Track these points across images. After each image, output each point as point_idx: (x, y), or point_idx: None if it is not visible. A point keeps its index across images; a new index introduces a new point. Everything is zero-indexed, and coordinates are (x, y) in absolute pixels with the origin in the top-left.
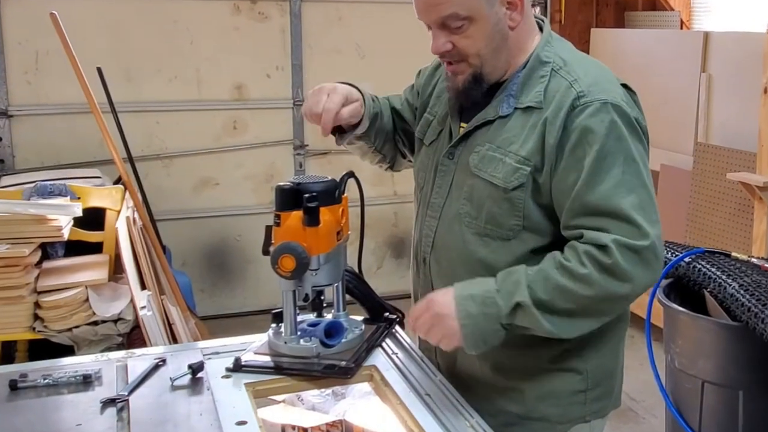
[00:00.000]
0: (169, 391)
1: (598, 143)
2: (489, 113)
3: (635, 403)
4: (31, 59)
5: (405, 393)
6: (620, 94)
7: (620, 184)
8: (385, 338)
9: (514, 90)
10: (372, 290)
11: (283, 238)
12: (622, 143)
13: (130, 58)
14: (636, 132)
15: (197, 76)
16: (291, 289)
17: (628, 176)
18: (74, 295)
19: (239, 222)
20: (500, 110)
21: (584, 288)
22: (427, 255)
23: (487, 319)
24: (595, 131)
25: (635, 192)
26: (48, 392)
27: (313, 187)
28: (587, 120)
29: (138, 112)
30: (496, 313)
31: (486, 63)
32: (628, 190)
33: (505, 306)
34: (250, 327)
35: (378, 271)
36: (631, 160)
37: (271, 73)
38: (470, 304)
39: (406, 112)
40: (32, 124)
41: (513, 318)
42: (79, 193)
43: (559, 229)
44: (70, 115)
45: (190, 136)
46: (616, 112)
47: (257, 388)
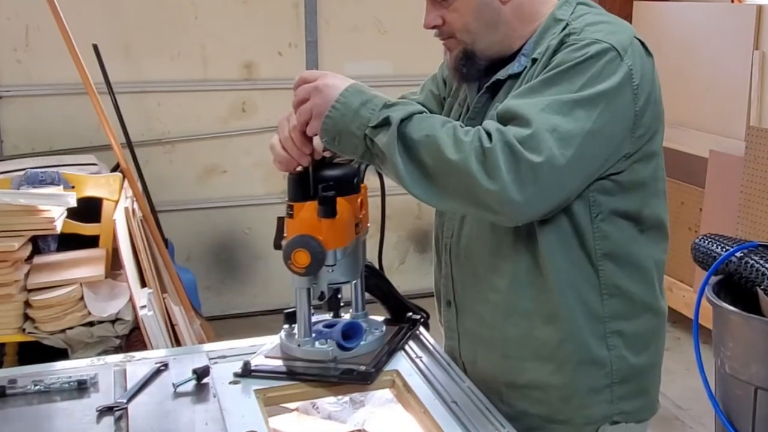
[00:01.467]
0: (172, 399)
1: (560, 66)
2: (500, 74)
3: (682, 412)
4: (20, 35)
5: (430, 400)
6: (622, 41)
7: (552, 105)
8: (407, 340)
9: (527, 49)
10: (394, 288)
11: (296, 231)
12: (587, 76)
13: (129, 34)
14: (622, 82)
15: (202, 53)
16: (305, 287)
17: (570, 107)
18: (68, 294)
19: (248, 213)
20: (511, 69)
21: (452, 150)
22: (449, 241)
23: (355, 118)
24: (566, 60)
25: (564, 118)
26: (39, 400)
27: (329, 175)
28: (567, 54)
29: (138, 93)
30: (367, 118)
31: (478, 39)
32: (554, 112)
33: (377, 117)
34: (261, 328)
35: (400, 267)
36: (589, 99)
37: (283, 50)
38: (355, 97)
39: (431, 105)
40: (22, 107)
41: (375, 133)
42: (73, 182)
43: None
44: (63, 96)
45: (195, 119)
46: (603, 50)
47: (268, 395)
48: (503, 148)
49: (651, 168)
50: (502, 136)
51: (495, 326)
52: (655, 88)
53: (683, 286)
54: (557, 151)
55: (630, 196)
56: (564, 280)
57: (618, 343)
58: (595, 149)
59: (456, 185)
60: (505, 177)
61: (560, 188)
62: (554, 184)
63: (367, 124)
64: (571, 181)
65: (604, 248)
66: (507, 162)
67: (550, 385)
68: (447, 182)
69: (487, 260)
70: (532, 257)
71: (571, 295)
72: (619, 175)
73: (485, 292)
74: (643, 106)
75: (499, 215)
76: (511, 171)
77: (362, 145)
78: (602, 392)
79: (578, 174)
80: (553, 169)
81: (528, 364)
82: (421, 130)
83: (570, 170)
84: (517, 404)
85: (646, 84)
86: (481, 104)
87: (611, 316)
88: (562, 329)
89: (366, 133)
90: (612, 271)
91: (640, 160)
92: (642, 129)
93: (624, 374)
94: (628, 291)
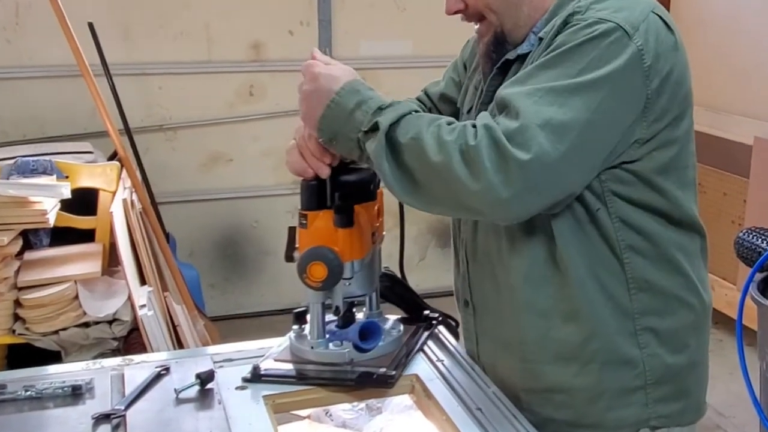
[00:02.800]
0: (173, 405)
1: (559, 48)
2: (510, 54)
3: (724, 419)
4: (10, 13)
5: (452, 407)
6: (632, 19)
7: (546, 93)
8: (426, 341)
9: (538, 27)
10: (413, 292)
11: (311, 243)
12: (587, 59)
13: (128, 12)
14: (629, 63)
15: (207, 32)
16: (319, 302)
17: (566, 96)
18: (61, 292)
19: (256, 205)
20: (520, 49)
21: (435, 152)
22: (466, 237)
23: (349, 121)
24: (566, 41)
25: (559, 109)
26: (30, 406)
27: (345, 181)
28: (568, 35)
29: (137, 76)
30: (360, 121)
31: (504, 19)
32: (547, 101)
33: (368, 122)
34: (269, 329)
35: (420, 264)
36: (589, 85)
37: (294, 29)
38: (350, 98)
39: (452, 92)
40: (12, 90)
41: (366, 138)
42: (67, 171)
43: (589, 186)
44: (56, 79)
45: (199, 103)
46: (607, 30)
47: (278, 402)
48: (489, 145)
49: (673, 155)
50: (488, 132)
51: (513, 327)
52: (676, 67)
53: (726, 283)
54: (549, 146)
55: (651, 186)
56: (584, 274)
57: (651, 341)
58: (596, 140)
59: (440, 188)
60: (491, 177)
61: (555, 184)
62: (547, 181)
63: (360, 128)
64: (569, 176)
65: (627, 240)
66: (493, 161)
67: (573, 387)
68: (432, 186)
69: (501, 256)
70: (548, 252)
71: (594, 289)
72: (634, 163)
73: (501, 290)
74: (658, 89)
75: (489, 216)
76: (499, 170)
77: (357, 149)
78: (635, 394)
79: (577, 168)
80: (545, 166)
81: (547, 367)
82: (407, 133)
83: (566, 165)
84: (540, 411)
85: (662, 64)
86: (493, 87)
87: (641, 311)
88: (585, 327)
89: (359, 138)
90: (639, 263)
91: (660, 147)
92: (657, 113)
93: (660, 375)
94: (659, 285)
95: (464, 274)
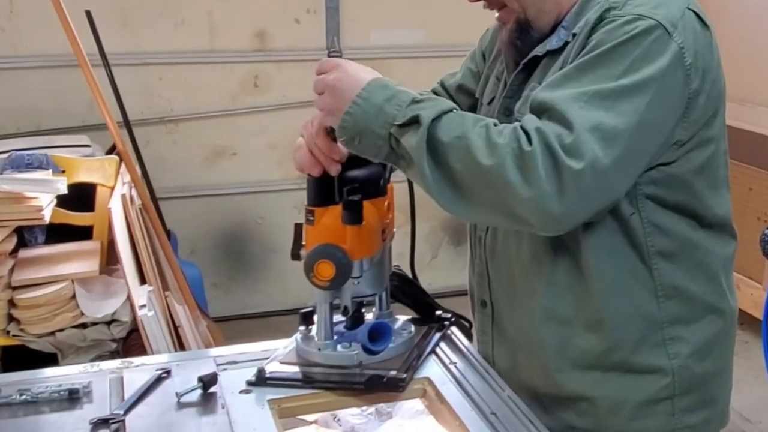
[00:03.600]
0: (175, 410)
1: (599, 48)
2: (538, 49)
3: (750, 425)
4: (4, 0)
5: (466, 411)
6: (671, 15)
7: (593, 97)
8: (439, 342)
9: (567, 21)
10: (424, 292)
11: (318, 240)
12: (630, 59)
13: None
14: (672, 63)
15: (209, 20)
16: (327, 302)
17: (613, 99)
18: (57, 292)
19: (261, 201)
20: (549, 44)
21: (485, 154)
22: (483, 234)
23: (378, 116)
24: (605, 40)
25: (607, 113)
26: (25, 411)
27: (354, 176)
28: (606, 34)
29: (136, 66)
30: (392, 115)
31: (527, 5)
32: (595, 106)
33: (403, 115)
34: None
35: (432, 262)
36: (635, 87)
37: (300, 17)
38: (379, 93)
39: (470, 83)
40: (6, 81)
41: (402, 132)
42: (63, 166)
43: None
44: (52, 69)
45: (201, 95)
46: (648, 28)
47: (283, 406)
48: (543, 152)
49: (709, 155)
50: (542, 138)
51: (532, 333)
52: (712, 65)
53: (751, 282)
54: (601, 152)
55: (684, 187)
56: (610, 284)
57: (681, 351)
58: (644, 144)
59: (487, 194)
60: (544, 185)
61: (605, 192)
62: (598, 188)
63: (392, 122)
64: (617, 182)
65: (657, 245)
66: (547, 168)
67: (595, 396)
68: (477, 190)
69: (522, 259)
70: (572, 257)
71: (620, 298)
72: (670, 165)
73: (521, 294)
74: (698, 88)
75: (536, 228)
76: (552, 179)
77: (386, 146)
78: (661, 404)
79: (626, 173)
80: (597, 173)
81: (568, 375)
82: (451, 131)
83: (616, 171)
84: (563, 416)
85: (701, 62)
86: (518, 82)
87: (670, 320)
88: (608, 336)
89: (391, 132)
90: (668, 270)
91: (696, 147)
92: (697, 113)
93: (688, 384)
94: (688, 291)
95: (482, 273)
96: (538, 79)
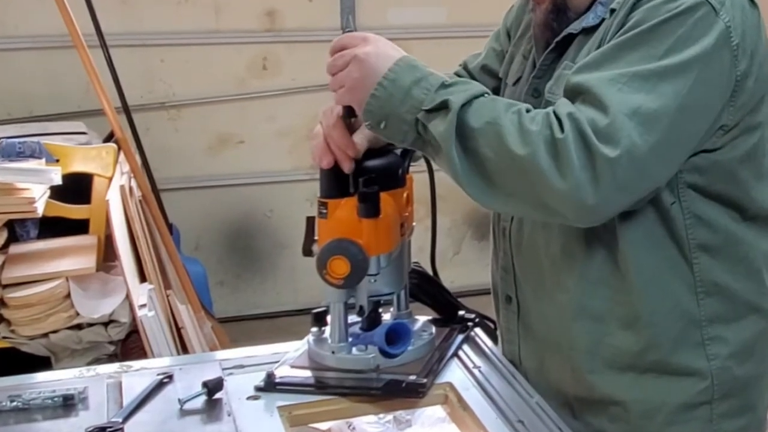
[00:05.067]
0: (177, 418)
1: (640, 26)
2: (573, 27)
3: None
4: None
5: (490, 419)
6: None
7: (632, 78)
8: (461, 345)
9: None
10: (446, 291)
11: (332, 235)
12: (673, 38)
13: None
14: (718, 42)
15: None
16: (341, 301)
17: (654, 81)
18: (51, 290)
19: (270, 192)
20: (585, 21)
21: (518, 142)
22: (507, 225)
23: (406, 99)
24: (646, 18)
25: (647, 96)
26: (16, 419)
27: (371, 166)
28: (648, 11)
29: (136, 47)
30: (420, 100)
31: None
32: (634, 88)
33: (431, 100)
34: (285, 332)
35: (454, 258)
36: (678, 68)
37: None
38: (407, 74)
39: (494, 64)
40: None
41: (430, 118)
42: (58, 155)
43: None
44: (45, 50)
45: (205, 78)
46: (693, 5)
47: (294, 413)
48: (576, 139)
49: (755, 142)
50: (574, 124)
51: (562, 331)
52: (760, 46)
53: None
54: (638, 138)
55: (728, 176)
56: (648, 278)
57: (720, 352)
58: (686, 129)
59: (519, 183)
60: (578, 174)
61: (643, 180)
62: (636, 177)
63: (419, 107)
64: (657, 170)
65: (698, 238)
66: (580, 157)
67: (628, 399)
68: (508, 179)
69: (552, 251)
70: (607, 250)
71: (657, 293)
72: (714, 152)
73: (550, 289)
74: (746, 70)
75: (568, 219)
76: (586, 167)
77: (413, 132)
78: (698, 409)
79: (666, 160)
80: (634, 160)
81: (600, 377)
82: (482, 117)
83: (656, 158)
84: (593, 421)
85: (749, 42)
86: (549, 61)
87: (709, 319)
88: (644, 334)
89: (418, 118)
90: (709, 265)
91: (742, 133)
92: (745, 96)
93: (727, 388)
94: (729, 288)
95: (507, 267)
96: (571, 58)
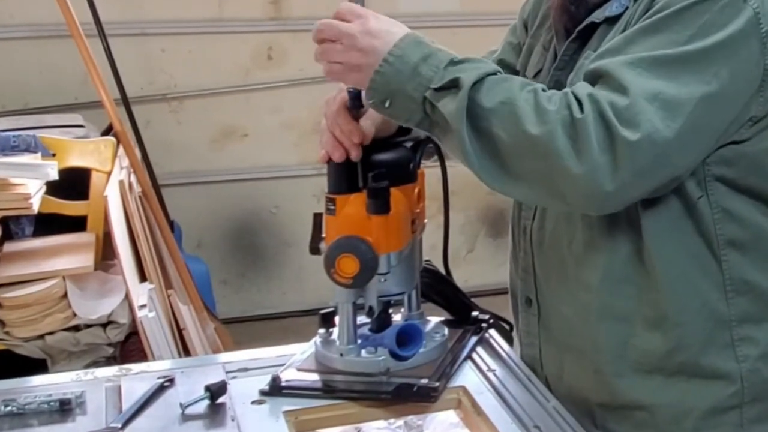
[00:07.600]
0: (179, 423)
1: (665, 10)
2: (596, 15)
3: None
4: None
5: (506, 425)
6: None
7: (653, 63)
8: (475, 347)
9: None
10: (459, 291)
11: (340, 232)
12: (699, 23)
13: None
14: (745, 29)
15: None
16: (350, 301)
17: (678, 67)
18: (47, 290)
19: (276, 188)
20: (608, 10)
21: (534, 122)
22: (528, 224)
23: (413, 76)
24: (671, 3)
25: (669, 82)
26: (11, 423)
27: (380, 160)
28: None
29: (136, 36)
30: (428, 77)
31: None
32: (655, 74)
33: (441, 78)
34: (291, 333)
35: (468, 257)
36: (702, 54)
37: None
38: (414, 50)
39: (510, 57)
40: None
41: (439, 97)
42: (54, 149)
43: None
44: (41, 40)
45: (208, 69)
46: None
47: (301, 419)
48: (596, 120)
49: None
50: (594, 105)
51: (585, 333)
52: None
53: None
54: (660, 123)
55: (758, 170)
56: (675, 275)
57: (750, 353)
58: (711, 118)
59: (534, 166)
60: (596, 157)
61: (663, 167)
62: (656, 163)
63: (427, 85)
64: (678, 158)
65: (727, 234)
66: (600, 139)
67: (655, 403)
68: (523, 161)
69: (575, 248)
70: (632, 246)
71: (685, 292)
72: (743, 144)
73: (573, 289)
74: None
75: (579, 205)
76: (605, 151)
77: (420, 111)
78: (728, 413)
79: (689, 149)
80: (655, 145)
81: (626, 380)
82: (495, 95)
83: (678, 145)
84: (617, 428)
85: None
86: (571, 51)
87: (739, 318)
88: (672, 335)
89: (426, 96)
90: (739, 262)
91: None
92: None
93: (758, 391)
94: (760, 287)
95: (527, 268)
96: (594, 48)
